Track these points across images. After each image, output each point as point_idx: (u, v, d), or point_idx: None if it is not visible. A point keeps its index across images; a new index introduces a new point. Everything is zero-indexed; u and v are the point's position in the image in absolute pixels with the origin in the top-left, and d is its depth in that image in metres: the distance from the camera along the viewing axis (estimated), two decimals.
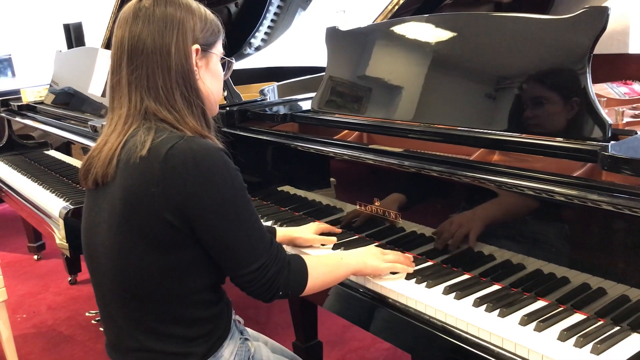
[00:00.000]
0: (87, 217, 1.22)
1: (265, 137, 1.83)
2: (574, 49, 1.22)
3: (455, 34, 1.47)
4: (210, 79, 1.22)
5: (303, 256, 1.25)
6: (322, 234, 1.57)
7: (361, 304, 1.35)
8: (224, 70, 1.27)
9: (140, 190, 1.07)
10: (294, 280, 1.19)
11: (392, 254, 1.35)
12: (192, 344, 1.17)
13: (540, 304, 1.16)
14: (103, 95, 2.57)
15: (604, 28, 1.17)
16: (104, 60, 2.62)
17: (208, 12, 1.21)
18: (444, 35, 1.50)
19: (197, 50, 1.17)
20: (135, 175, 1.08)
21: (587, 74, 1.19)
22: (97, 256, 1.18)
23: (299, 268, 1.21)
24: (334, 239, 1.55)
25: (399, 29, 1.62)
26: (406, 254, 1.39)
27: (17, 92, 3.51)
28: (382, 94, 1.65)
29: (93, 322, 2.69)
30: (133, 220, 1.09)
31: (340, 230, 1.60)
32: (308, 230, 1.55)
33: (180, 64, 1.14)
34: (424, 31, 1.55)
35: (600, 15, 1.18)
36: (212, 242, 1.11)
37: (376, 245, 1.47)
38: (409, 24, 1.60)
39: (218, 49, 1.23)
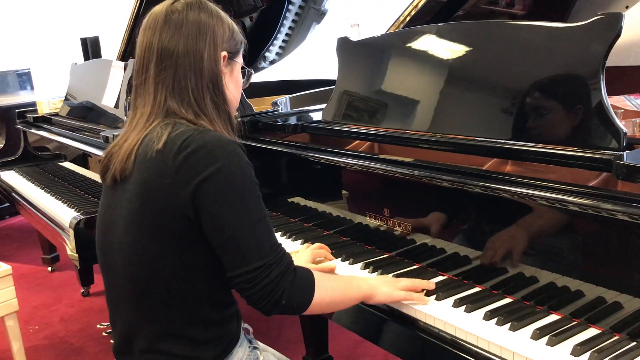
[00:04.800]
0: (103, 214, 1.22)
1: (275, 148, 1.82)
2: (588, 57, 1.19)
3: (467, 43, 1.45)
4: (233, 86, 1.25)
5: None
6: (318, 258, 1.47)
7: (370, 317, 1.32)
8: (243, 81, 1.30)
9: (155, 183, 1.08)
10: (298, 289, 1.12)
11: (407, 281, 1.27)
12: (202, 347, 1.15)
13: (553, 317, 1.12)
14: (116, 106, 2.58)
15: (618, 35, 1.15)
16: (118, 71, 2.64)
17: (233, 22, 1.23)
18: (456, 44, 1.48)
19: (224, 57, 1.19)
20: (151, 169, 1.09)
21: (601, 82, 1.16)
22: (111, 253, 1.18)
23: (306, 277, 1.15)
24: (332, 265, 1.44)
25: (411, 39, 1.61)
26: (423, 281, 1.29)
27: (33, 104, 3.56)
28: (394, 104, 1.63)
29: (104, 334, 2.68)
30: (149, 215, 1.10)
31: (335, 267, 1.46)
32: (303, 259, 1.42)
33: (211, 69, 1.16)
34: (435, 41, 1.53)
35: (615, 22, 1.15)
36: (216, 233, 1.08)
37: (385, 257, 1.45)
38: (421, 33, 1.58)
39: (240, 59, 1.26)
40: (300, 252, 1.46)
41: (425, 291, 1.26)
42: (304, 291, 1.14)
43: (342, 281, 1.26)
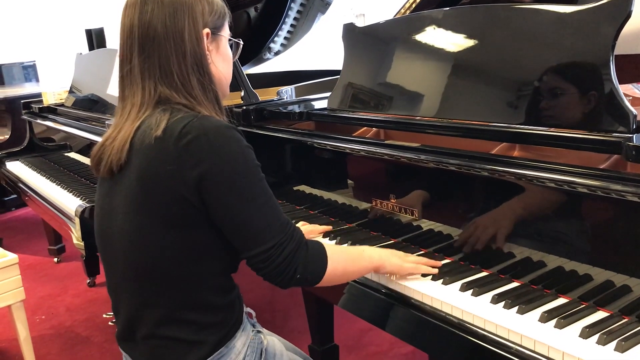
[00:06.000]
0: (100, 204, 1.21)
1: (281, 135, 1.81)
2: (598, 39, 1.17)
3: (474, 27, 1.44)
4: (222, 62, 1.23)
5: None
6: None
7: (376, 302, 1.32)
8: (232, 52, 1.27)
9: (156, 170, 1.08)
10: (312, 262, 1.14)
11: (415, 257, 1.31)
12: (204, 332, 1.15)
13: (561, 301, 1.12)
14: None
15: (629, 16, 1.13)
16: None
17: None
18: (463, 29, 1.46)
19: (207, 34, 1.17)
20: (151, 156, 1.08)
21: (611, 64, 1.15)
22: (112, 241, 1.18)
23: (318, 249, 1.17)
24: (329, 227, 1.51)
25: (417, 24, 1.59)
26: (431, 260, 1.33)
27: (38, 95, 3.56)
28: (400, 90, 1.62)
29: (110, 323, 2.69)
30: (150, 200, 1.09)
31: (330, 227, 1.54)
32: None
33: (193, 49, 1.14)
34: (442, 26, 1.52)
35: (625, 3, 1.14)
36: (225, 219, 1.09)
37: (392, 243, 1.44)
38: (427, 19, 1.56)
39: (226, 32, 1.23)
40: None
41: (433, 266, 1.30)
42: (318, 263, 1.16)
43: (353, 252, 1.28)
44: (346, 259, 1.22)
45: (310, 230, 1.56)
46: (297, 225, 1.45)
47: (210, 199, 1.07)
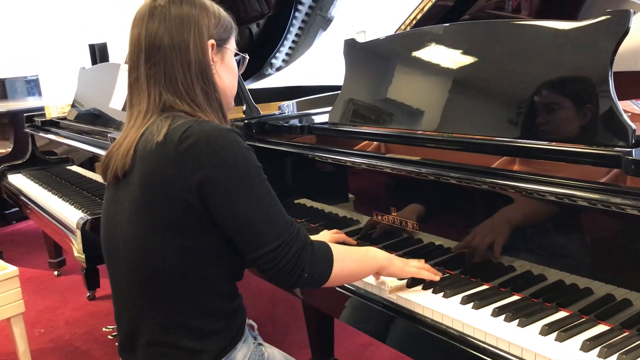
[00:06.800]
0: (106, 210, 1.23)
1: (283, 148, 1.82)
2: (596, 55, 1.19)
3: (474, 42, 1.45)
4: (226, 73, 1.26)
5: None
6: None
7: (377, 315, 1.32)
8: (238, 67, 1.30)
9: (158, 174, 1.09)
10: (318, 261, 1.15)
11: (416, 262, 1.33)
12: (206, 340, 1.16)
13: (561, 314, 1.12)
14: (124, 109, 2.60)
15: (627, 31, 1.15)
16: (126, 74, 2.65)
17: (221, 9, 1.24)
18: (464, 44, 1.48)
19: (212, 45, 1.20)
20: (152, 161, 1.10)
21: (610, 79, 1.16)
22: (116, 247, 1.19)
23: (324, 249, 1.18)
24: (353, 242, 1.53)
25: (418, 40, 1.61)
26: (432, 268, 1.34)
27: (41, 109, 3.58)
28: (401, 105, 1.63)
29: (110, 337, 2.68)
30: (152, 205, 1.10)
31: (355, 242, 1.57)
32: (325, 237, 1.52)
33: (198, 59, 1.17)
34: (443, 41, 1.53)
35: (623, 19, 1.15)
36: (230, 221, 1.10)
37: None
38: (428, 34, 1.58)
39: (232, 45, 1.27)
40: (320, 234, 1.54)
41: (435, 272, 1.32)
42: (324, 262, 1.17)
43: (358, 252, 1.29)
44: (352, 259, 1.23)
45: (337, 238, 1.56)
46: (329, 231, 1.54)
47: (213, 202, 1.08)
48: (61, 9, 5.47)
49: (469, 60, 1.46)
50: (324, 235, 1.54)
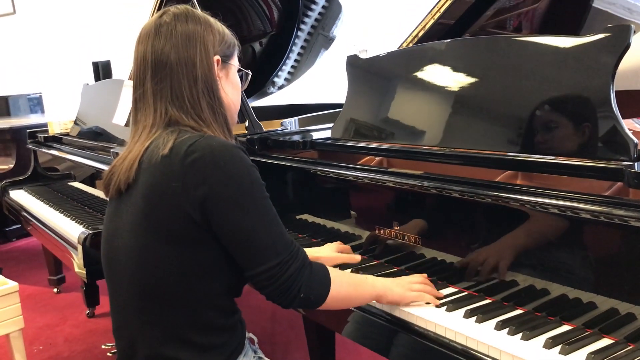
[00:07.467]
0: (108, 223, 1.23)
1: (285, 163, 1.83)
2: (598, 69, 1.19)
3: (476, 58, 1.46)
4: (231, 89, 1.27)
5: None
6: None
7: (380, 329, 1.31)
8: (241, 83, 1.32)
9: (162, 187, 1.10)
10: (316, 283, 1.15)
11: (420, 284, 1.31)
12: (206, 355, 1.15)
13: (565, 327, 1.11)
14: (127, 125, 2.61)
15: (628, 46, 1.16)
16: (130, 90, 2.67)
17: (224, 26, 1.26)
18: (465, 60, 1.49)
19: (217, 61, 1.21)
20: (157, 173, 1.11)
21: (611, 94, 1.17)
22: (117, 260, 1.18)
23: (322, 271, 1.18)
24: (358, 257, 1.52)
25: (419, 56, 1.62)
26: (434, 288, 1.33)
27: (44, 125, 3.60)
28: (403, 120, 1.63)
29: (109, 354, 2.65)
30: (155, 217, 1.11)
31: (360, 258, 1.56)
32: (330, 249, 1.53)
33: (205, 74, 1.18)
34: (444, 57, 1.54)
35: (624, 34, 1.16)
36: (230, 236, 1.10)
37: (395, 271, 1.44)
38: (429, 50, 1.60)
39: (235, 61, 1.29)
40: (324, 247, 1.55)
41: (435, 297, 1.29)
42: (321, 284, 1.17)
43: (356, 278, 1.29)
44: (349, 283, 1.23)
45: (341, 249, 1.57)
46: (332, 244, 1.55)
47: (215, 217, 1.08)
48: (64, 27, 5.52)
49: (471, 75, 1.46)
50: (329, 247, 1.53)
